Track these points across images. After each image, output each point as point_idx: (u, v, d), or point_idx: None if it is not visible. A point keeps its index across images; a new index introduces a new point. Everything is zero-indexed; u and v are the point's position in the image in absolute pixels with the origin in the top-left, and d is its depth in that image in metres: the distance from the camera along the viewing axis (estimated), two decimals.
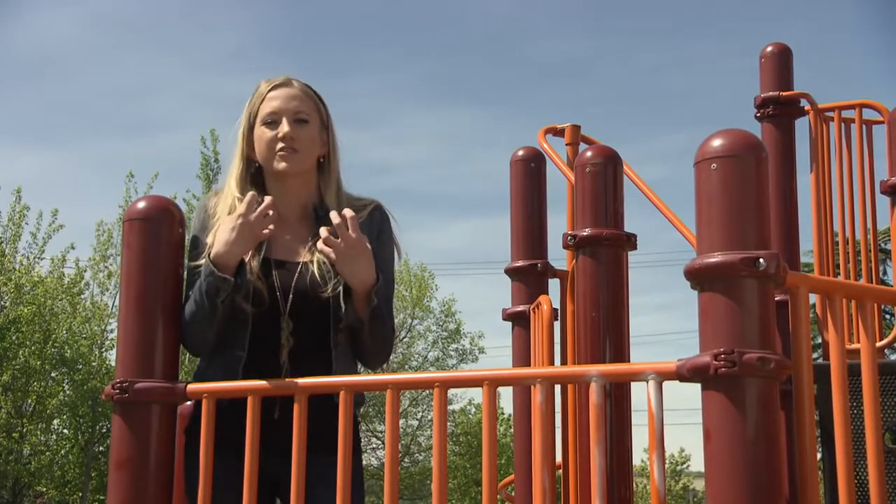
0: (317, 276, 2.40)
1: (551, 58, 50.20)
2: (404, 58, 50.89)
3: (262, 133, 2.49)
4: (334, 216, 2.32)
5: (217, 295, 2.33)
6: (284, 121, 2.47)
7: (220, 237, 2.35)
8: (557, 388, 2.98)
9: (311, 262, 2.42)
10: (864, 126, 4.45)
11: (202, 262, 2.38)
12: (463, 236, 49.06)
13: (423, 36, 49.65)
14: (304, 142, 2.48)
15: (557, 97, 50.64)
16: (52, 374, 18.92)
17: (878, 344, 4.15)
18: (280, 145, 2.46)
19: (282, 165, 2.47)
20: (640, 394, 1.98)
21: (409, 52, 50.49)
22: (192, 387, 2.27)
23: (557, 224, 3.95)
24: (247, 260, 2.39)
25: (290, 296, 2.41)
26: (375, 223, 2.52)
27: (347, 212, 2.33)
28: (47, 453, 18.78)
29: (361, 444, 2.56)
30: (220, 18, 43.11)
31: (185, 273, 2.40)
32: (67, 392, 19.05)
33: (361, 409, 2.52)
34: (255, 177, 2.53)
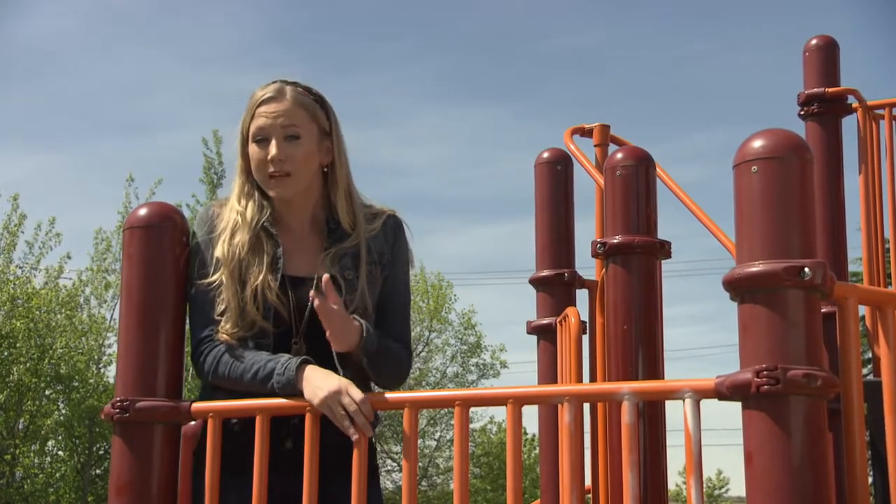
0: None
1: (572, 52, 50.27)
2: (416, 54, 51.05)
3: (254, 152, 2.47)
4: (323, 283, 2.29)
5: (283, 397, 2.30)
6: (273, 141, 2.44)
7: (317, 382, 2.25)
8: (586, 406, 2.98)
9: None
10: None
11: (215, 278, 2.39)
12: (483, 243, 49.10)
13: (435, 31, 49.80)
14: (297, 160, 2.45)
15: (580, 94, 50.72)
16: (47, 392, 19.01)
17: None
18: (270, 169, 2.44)
19: (274, 192, 2.46)
20: (676, 413, 1.98)
21: (421, 48, 50.65)
22: (198, 405, 2.28)
23: (585, 231, 3.95)
24: (262, 278, 2.40)
25: (306, 314, 2.42)
26: (389, 233, 2.54)
27: (325, 276, 2.30)
28: (41, 476, 18.86)
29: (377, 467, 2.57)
30: (222, 12, 43.41)
31: (193, 290, 2.40)
32: (63, 411, 19.13)
33: (376, 430, 2.53)
34: (260, 187, 2.51)
